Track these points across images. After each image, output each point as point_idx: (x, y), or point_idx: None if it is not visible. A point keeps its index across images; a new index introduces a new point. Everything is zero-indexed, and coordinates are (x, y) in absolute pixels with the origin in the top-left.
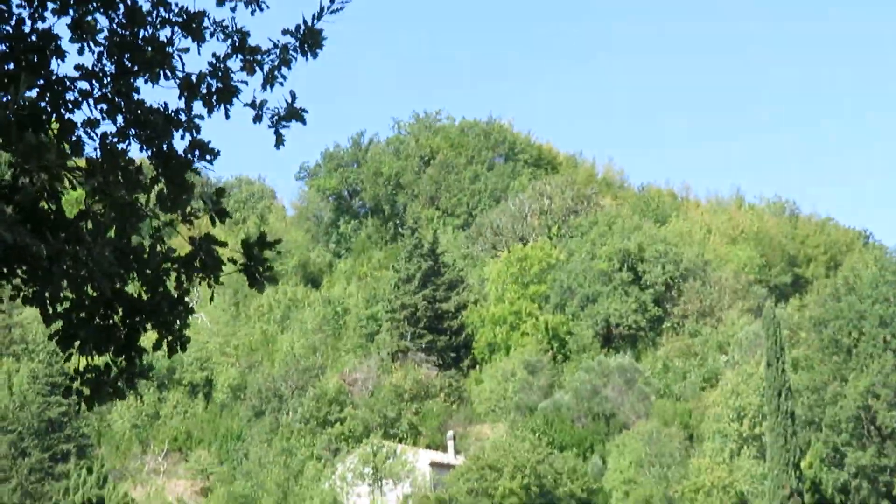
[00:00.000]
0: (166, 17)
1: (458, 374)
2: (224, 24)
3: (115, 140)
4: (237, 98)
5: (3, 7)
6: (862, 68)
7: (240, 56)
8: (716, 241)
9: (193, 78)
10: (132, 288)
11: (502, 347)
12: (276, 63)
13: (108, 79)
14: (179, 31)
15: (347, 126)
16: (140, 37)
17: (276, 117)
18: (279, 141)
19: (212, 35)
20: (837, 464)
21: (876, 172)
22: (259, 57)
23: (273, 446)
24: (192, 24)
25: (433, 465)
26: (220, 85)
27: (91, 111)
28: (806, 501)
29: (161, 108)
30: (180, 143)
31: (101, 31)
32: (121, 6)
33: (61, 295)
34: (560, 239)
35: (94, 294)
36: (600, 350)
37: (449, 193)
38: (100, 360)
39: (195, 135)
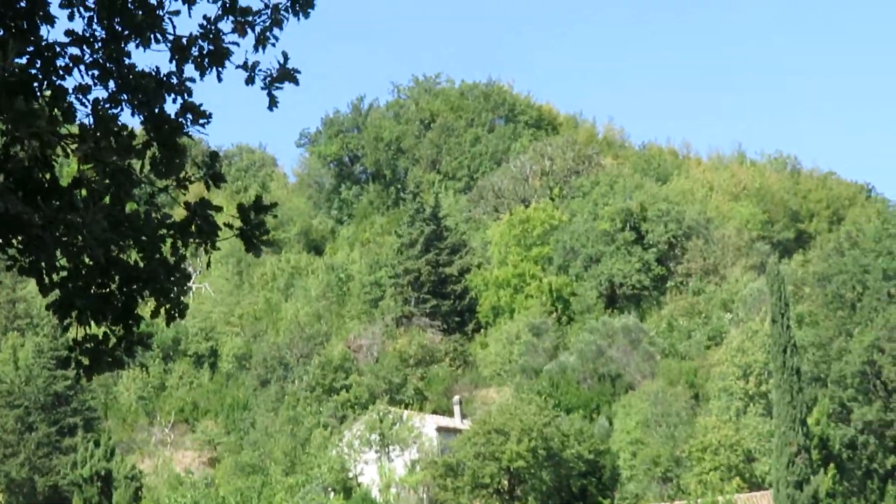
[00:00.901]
0: None
1: (463, 339)
2: None
3: (107, 105)
4: (229, 60)
5: None
6: (860, 21)
7: (231, 17)
8: (718, 199)
9: (184, 41)
10: (128, 256)
11: (506, 310)
12: (267, 24)
13: (99, 44)
14: None
15: (347, 91)
16: (130, 0)
17: (268, 79)
18: (272, 103)
19: None
20: (844, 419)
21: (878, 125)
22: (250, 18)
23: (279, 415)
24: None
25: (440, 429)
26: (211, 47)
27: (82, 77)
28: (813, 458)
29: (153, 73)
30: (172, 107)
31: None
32: None
33: (57, 264)
34: (562, 200)
35: (90, 262)
36: (604, 311)
37: (450, 157)
38: (98, 330)
39: (187, 98)
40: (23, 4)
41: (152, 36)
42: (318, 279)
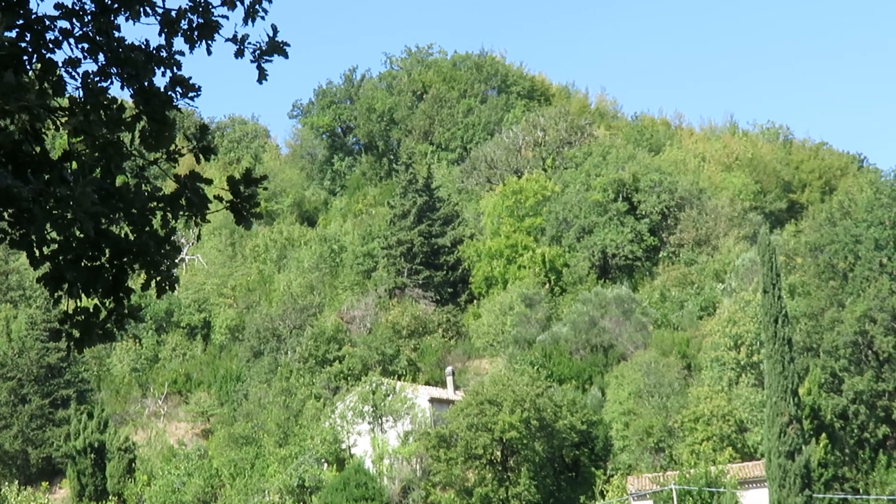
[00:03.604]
0: None
1: (456, 310)
2: None
3: (97, 79)
4: (218, 33)
5: None
6: None
7: None
8: (710, 169)
9: (174, 14)
10: (119, 229)
11: (499, 281)
12: None
13: (89, 17)
14: None
15: (339, 63)
16: None
17: (258, 52)
18: (262, 76)
19: None
20: (835, 389)
21: (870, 96)
22: None
23: (272, 386)
24: None
25: (433, 401)
26: (200, 20)
27: (72, 50)
28: (805, 427)
29: (142, 46)
30: (162, 80)
31: None
32: None
33: (47, 237)
34: (555, 171)
35: (80, 235)
36: (597, 281)
37: (442, 128)
38: (89, 303)
39: (176, 71)
40: None
41: (141, 9)
42: (310, 250)
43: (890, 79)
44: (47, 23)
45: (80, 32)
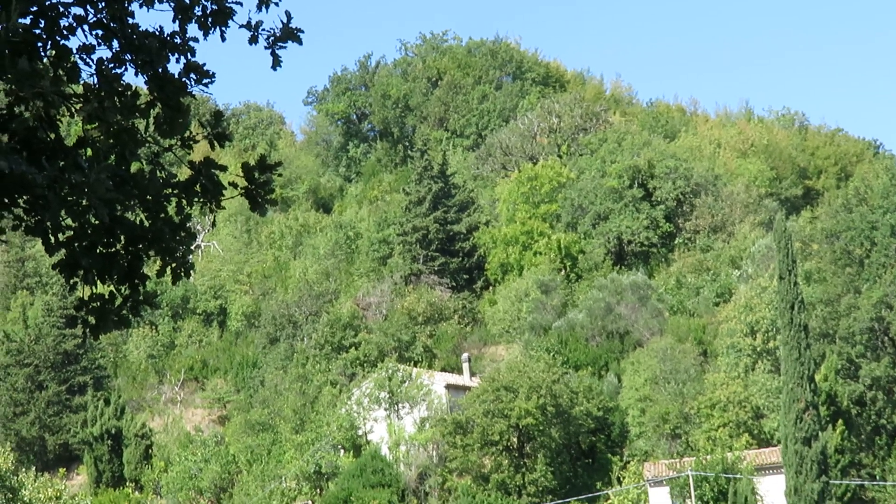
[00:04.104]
0: None
1: (472, 296)
2: None
3: (111, 65)
4: (232, 20)
5: None
6: None
7: None
8: (726, 156)
9: (187, 0)
10: (134, 215)
11: (515, 268)
12: None
13: (103, 3)
14: None
15: (355, 49)
16: None
17: (272, 38)
18: (276, 62)
19: None
20: (852, 376)
21: (886, 82)
22: None
23: (288, 373)
24: None
25: (449, 387)
26: (214, 7)
27: (86, 37)
28: (821, 414)
29: (156, 32)
30: (176, 67)
31: None
32: None
33: (62, 224)
34: (570, 157)
35: (95, 222)
36: (613, 268)
37: (457, 114)
38: (104, 289)
39: (190, 57)
40: None
41: None
42: (326, 237)
43: None
44: (61, 9)
45: (95, 19)
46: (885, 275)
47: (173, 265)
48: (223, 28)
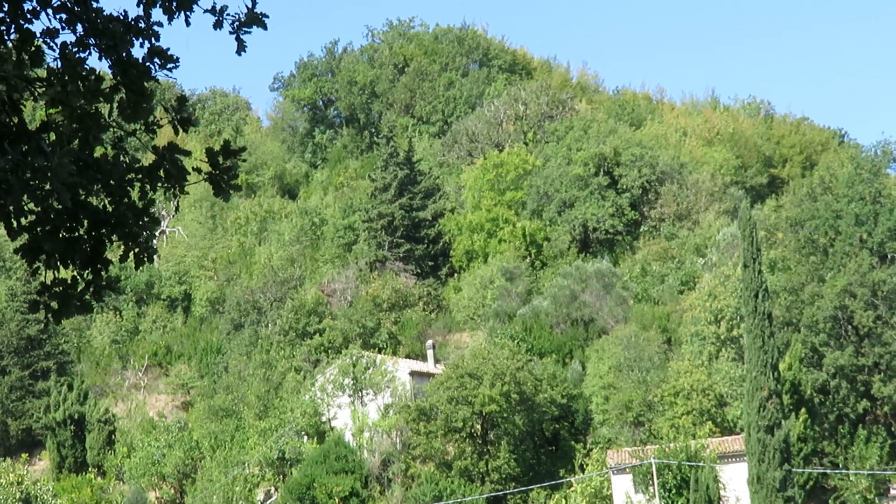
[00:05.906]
0: None
1: (437, 283)
2: None
3: (75, 49)
4: (197, 4)
5: None
6: None
7: None
8: (691, 144)
9: None
10: (97, 200)
11: (480, 255)
12: None
13: None
14: None
15: (321, 35)
16: None
17: (236, 23)
18: (241, 47)
19: None
20: (816, 364)
21: (850, 70)
22: None
23: (252, 359)
24: None
25: (413, 374)
26: None
27: (50, 21)
28: (785, 402)
29: (120, 17)
30: (140, 51)
31: None
32: None
33: (25, 208)
34: (536, 144)
35: (58, 207)
36: (578, 255)
37: (424, 101)
38: (67, 274)
39: (154, 42)
40: None
41: None
42: (291, 223)
43: (871, 54)
44: None
45: (58, 3)
46: (849, 264)
47: (136, 250)
48: (188, 13)
